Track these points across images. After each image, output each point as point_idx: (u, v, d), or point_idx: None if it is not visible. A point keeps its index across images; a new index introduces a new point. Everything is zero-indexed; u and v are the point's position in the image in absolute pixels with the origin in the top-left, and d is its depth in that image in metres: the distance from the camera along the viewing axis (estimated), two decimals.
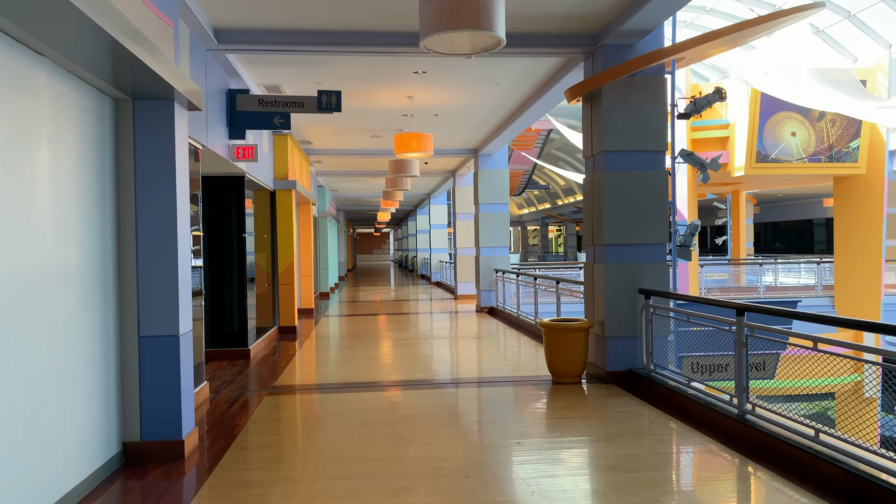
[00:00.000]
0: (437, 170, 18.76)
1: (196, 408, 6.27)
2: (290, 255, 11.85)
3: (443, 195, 27.05)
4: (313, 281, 16.16)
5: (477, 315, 14.50)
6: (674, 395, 6.02)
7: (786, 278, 21.41)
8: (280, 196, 11.75)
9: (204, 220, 9.13)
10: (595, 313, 7.33)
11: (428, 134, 9.59)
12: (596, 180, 7.21)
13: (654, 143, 7.10)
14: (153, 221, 4.80)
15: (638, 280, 7.05)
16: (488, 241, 14.88)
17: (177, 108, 4.92)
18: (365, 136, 13.05)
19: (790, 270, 22.16)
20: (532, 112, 10.52)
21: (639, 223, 7.04)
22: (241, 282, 9.33)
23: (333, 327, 13.08)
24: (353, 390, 7.03)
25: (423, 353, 9.51)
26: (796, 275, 22.20)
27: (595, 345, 7.34)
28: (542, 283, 11.36)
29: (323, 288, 20.78)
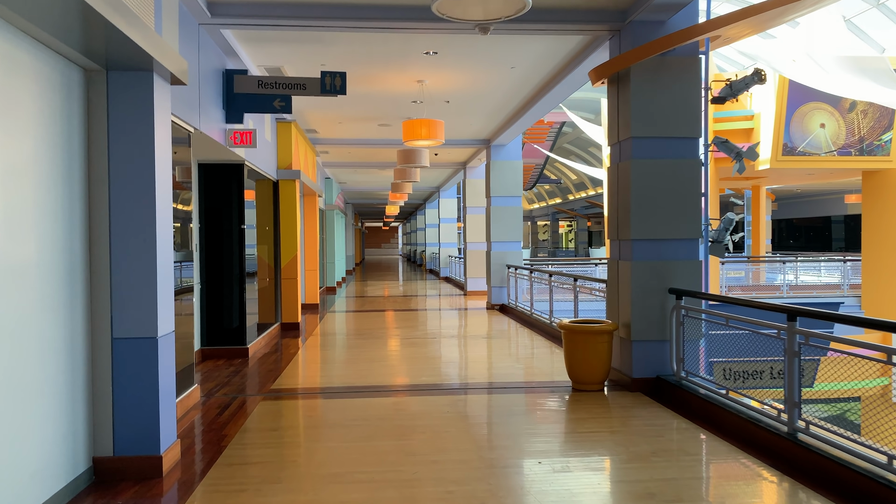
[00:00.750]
0: (448, 162, 18.17)
1: (183, 415, 5.73)
2: (294, 249, 11.31)
3: (452, 189, 26.47)
4: (319, 275, 15.63)
5: (488, 312, 13.93)
6: (709, 406, 5.43)
7: (806, 276, 20.70)
8: (283, 186, 11.20)
9: (201, 211, 8.61)
10: (620, 314, 6.73)
11: (439, 120, 9.00)
12: (623, 169, 6.61)
13: (687, 128, 6.49)
14: (129, 209, 4.25)
15: (668, 278, 6.44)
16: (500, 235, 14.28)
17: (157, 81, 4.35)
18: (372, 124, 12.47)
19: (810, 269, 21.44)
20: (549, 99, 9.91)
21: (670, 216, 6.44)
22: (240, 276, 8.79)
23: (338, 324, 12.54)
24: (356, 395, 6.47)
25: (431, 353, 8.95)
26: (815, 273, 21.49)
27: (619, 349, 6.75)
28: (557, 280, 10.76)
29: (329, 282, 20.26)
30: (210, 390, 6.74)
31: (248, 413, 5.81)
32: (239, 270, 8.77)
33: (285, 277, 11.32)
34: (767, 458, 4.48)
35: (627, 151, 6.52)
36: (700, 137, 6.55)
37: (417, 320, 12.81)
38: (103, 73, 4.22)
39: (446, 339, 10.22)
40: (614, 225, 6.85)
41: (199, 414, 5.85)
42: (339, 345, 9.92)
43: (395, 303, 16.50)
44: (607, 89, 7.07)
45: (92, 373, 4.21)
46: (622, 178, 6.61)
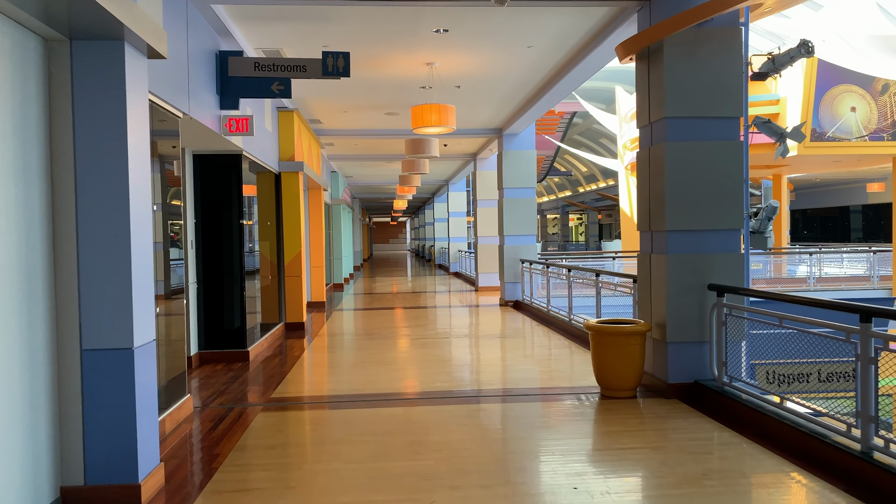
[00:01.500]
0: (457, 153, 17.56)
1: (173, 430, 5.17)
2: (298, 245, 10.74)
3: (462, 182, 25.86)
4: (325, 272, 15.07)
5: (501, 309, 13.33)
6: (760, 416, 4.82)
7: (829, 268, 19.96)
8: (286, 179, 10.63)
9: (197, 205, 8.05)
10: (653, 313, 6.12)
11: (449, 105, 8.40)
12: (655, 153, 5.99)
13: (728, 107, 5.86)
14: (99, 201, 3.67)
15: (707, 273, 5.83)
16: (513, 228, 13.67)
17: (130, 52, 3.77)
18: (379, 113, 11.87)
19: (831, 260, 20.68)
20: (566, 83, 9.28)
21: (709, 205, 5.82)
22: (240, 275, 8.22)
23: (346, 323, 11.97)
24: (364, 404, 5.90)
25: (444, 355, 8.36)
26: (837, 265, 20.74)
27: (653, 351, 6.14)
28: (576, 275, 10.15)
29: (336, 279, 19.72)
30: (205, 399, 6.18)
31: (246, 426, 5.24)
32: (238, 268, 8.21)
33: (289, 275, 10.76)
34: (838, 480, 3.88)
35: (661, 133, 5.90)
36: (741, 117, 5.92)
37: (428, 318, 12.23)
38: (66, 44, 3.64)
39: (459, 339, 9.64)
40: (645, 215, 6.23)
41: (191, 427, 5.29)
42: (346, 346, 9.36)
43: (404, 300, 15.93)
44: (636, 67, 6.46)
45: (58, 390, 3.64)
46: (655, 163, 5.99)
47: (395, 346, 9.08)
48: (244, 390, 6.55)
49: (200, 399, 6.21)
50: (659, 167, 5.89)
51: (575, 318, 9.84)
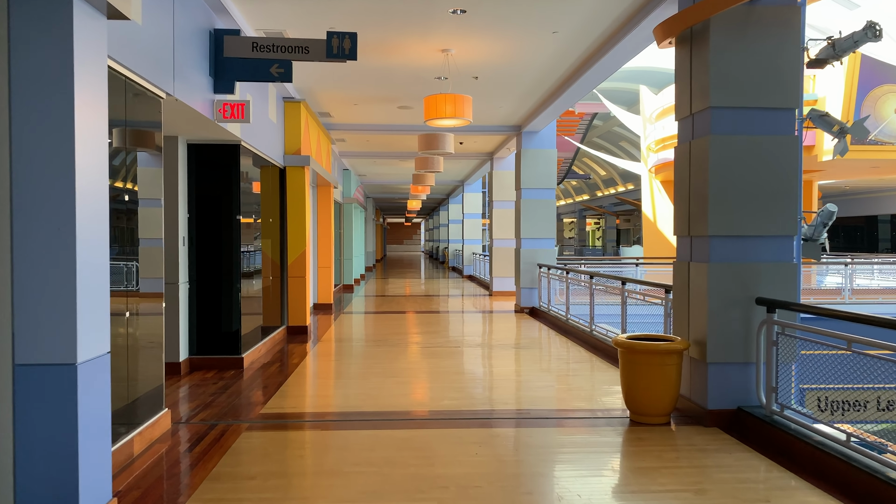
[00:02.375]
0: (473, 152, 16.89)
1: (143, 451, 4.54)
2: (302, 244, 10.13)
3: (477, 182, 25.17)
4: (333, 272, 14.47)
5: (516, 316, 12.64)
6: (820, 455, 4.10)
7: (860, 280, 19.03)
8: (291, 174, 10.02)
9: (191, 199, 7.46)
10: (691, 329, 5.42)
11: (466, 96, 7.73)
12: (698, 148, 5.28)
13: (782, 96, 5.15)
14: (40, 189, 3.05)
15: (755, 285, 5.11)
16: (531, 231, 12.96)
17: (81, 7, 3.14)
18: (391, 106, 11.23)
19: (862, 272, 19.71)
20: (594, 74, 8.57)
21: (759, 207, 5.11)
22: (235, 275, 7.61)
23: (352, 328, 11.34)
24: (363, 425, 5.24)
25: (455, 367, 7.69)
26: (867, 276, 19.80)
27: (690, 372, 5.43)
28: (599, 283, 9.44)
29: (347, 280, 19.12)
30: (187, 413, 5.56)
31: (227, 448, 4.61)
32: (234, 267, 7.60)
33: (292, 276, 10.14)
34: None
35: (705, 125, 5.20)
36: (798, 108, 5.20)
37: (439, 325, 11.57)
38: None
39: (471, 349, 8.96)
40: (684, 218, 5.53)
41: (165, 448, 4.66)
42: (351, 353, 8.71)
43: (415, 303, 15.28)
44: (676, 52, 5.75)
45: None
46: (697, 160, 5.29)
47: (403, 354, 8.42)
48: (232, 403, 5.92)
49: (182, 412, 5.59)
50: (702, 164, 5.19)
51: (597, 328, 9.13)
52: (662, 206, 20.26)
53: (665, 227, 20.17)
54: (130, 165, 4.66)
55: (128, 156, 4.58)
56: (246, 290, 8.15)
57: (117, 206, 4.39)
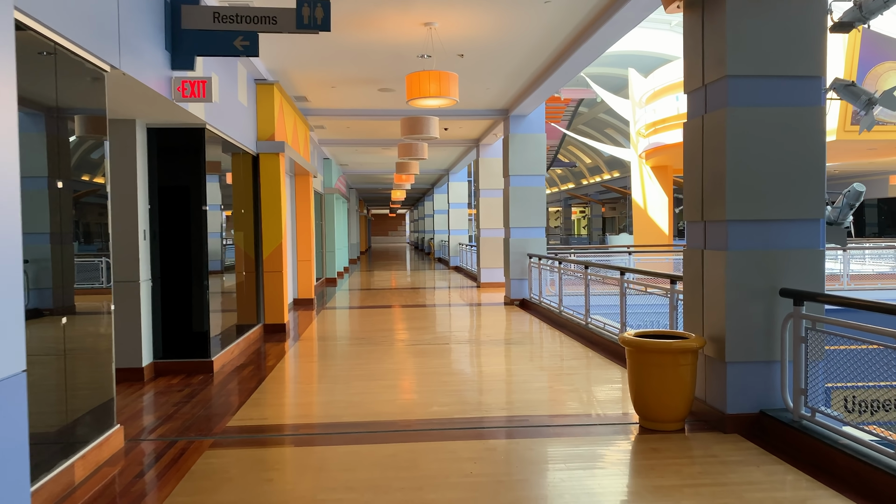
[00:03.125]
0: (459, 138, 16.29)
1: (83, 481, 3.92)
2: (279, 236, 9.50)
3: (462, 171, 24.60)
4: (314, 266, 13.84)
5: (506, 309, 12.10)
6: (864, 468, 3.59)
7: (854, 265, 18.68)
8: (265, 162, 9.38)
9: (153, 189, 6.81)
10: (706, 324, 4.88)
11: (451, 73, 7.13)
12: (712, 123, 4.73)
13: (807, 63, 4.61)
14: None
15: (778, 275, 4.59)
16: (521, 220, 12.41)
17: None
18: (371, 89, 10.60)
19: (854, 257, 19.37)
20: (588, 49, 7.99)
21: (782, 187, 4.57)
22: (202, 271, 6.98)
23: (335, 324, 10.74)
24: (344, 439, 4.67)
25: (443, 366, 7.13)
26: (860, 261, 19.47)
27: (706, 373, 4.90)
28: (594, 273, 8.90)
29: (330, 273, 18.48)
30: (145, 428, 4.95)
31: (184, 472, 4.01)
32: (201, 263, 6.97)
33: (268, 270, 9.51)
34: None
35: (720, 97, 4.65)
36: (823, 76, 4.66)
37: (426, 319, 10.99)
38: None
39: (461, 346, 8.40)
40: (696, 201, 4.98)
41: (114, 473, 4.06)
42: (332, 353, 8.12)
43: (401, 297, 14.69)
44: (685, 17, 5.19)
45: None
46: (712, 135, 4.73)
47: (388, 354, 7.84)
48: (197, 415, 5.31)
49: (139, 427, 4.98)
50: (717, 140, 4.64)
51: (593, 321, 8.61)
52: (653, 193, 19.83)
53: (656, 214, 19.78)
54: (65, 149, 4.02)
55: (60, 136, 3.94)
56: (217, 286, 7.53)
57: (52, 197, 3.76)
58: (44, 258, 3.73)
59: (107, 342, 4.50)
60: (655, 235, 19.47)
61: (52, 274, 3.79)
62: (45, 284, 3.73)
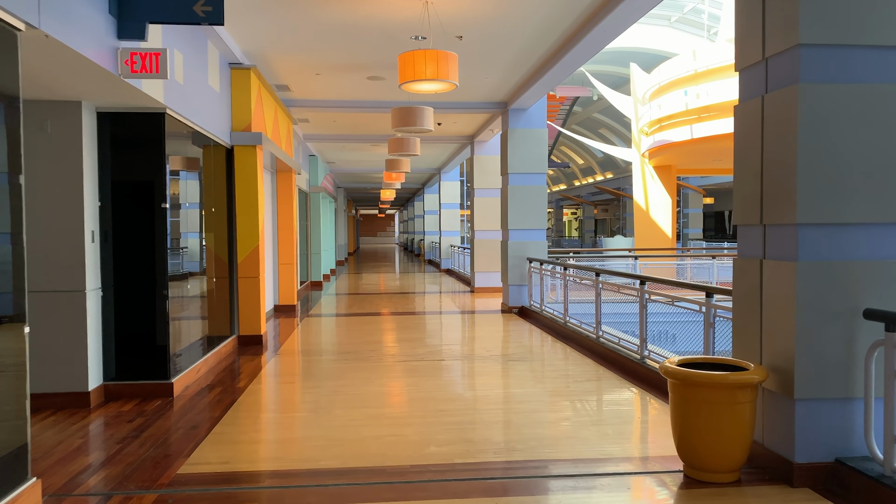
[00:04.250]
0: (452, 134, 15.39)
1: None
2: (255, 238, 8.55)
3: (455, 170, 23.69)
4: (297, 269, 12.89)
5: (504, 317, 11.21)
6: None
7: None
8: (240, 155, 8.43)
9: (105, 184, 5.87)
10: (766, 352, 4.00)
11: (450, 52, 6.22)
12: (777, 104, 3.85)
13: None
14: None
15: (862, 293, 3.71)
16: (520, 221, 11.52)
17: None
18: (360, 77, 9.67)
19: None
20: (599, 33, 7.13)
21: (869, 184, 3.70)
22: (160, 278, 6.03)
23: (318, 334, 9.80)
24: (318, 495, 3.74)
25: (439, 390, 6.22)
26: None
27: (767, 411, 4.02)
28: (606, 281, 8.02)
29: (315, 276, 17.53)
30: (75, 478, 3.99)
31: None
32: (159, 268, 6.02)
33: (243, 276, 8.56)
34: None
35: (788, 71, 3.76)
36: None
37: (418, 329, 10.07)
38: None
39: (458, 363, 7.49)
40: (752, 200, 4.10)
41: None
42: (312, 372, 7.18)
43: (390, 302, 13.76)
44: None
45: None
46: (775, 119, 3.85)
47: (376, 372, 6.92)
48: (144, 456, 4.36)
49: (67, 476, 4.02)
50: (784, 125, 3.76)
51: (605, 335, 7.73)
52: (656, 194, 18.98)
53: (658, 215, 18.92)
54: None
55: None
56: (182, 294, 6.59)
57: None
58: None
59: (19, 372, 3.54)
60: (657, 238, 18.65)
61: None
62: None
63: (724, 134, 14.15)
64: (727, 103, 14.07)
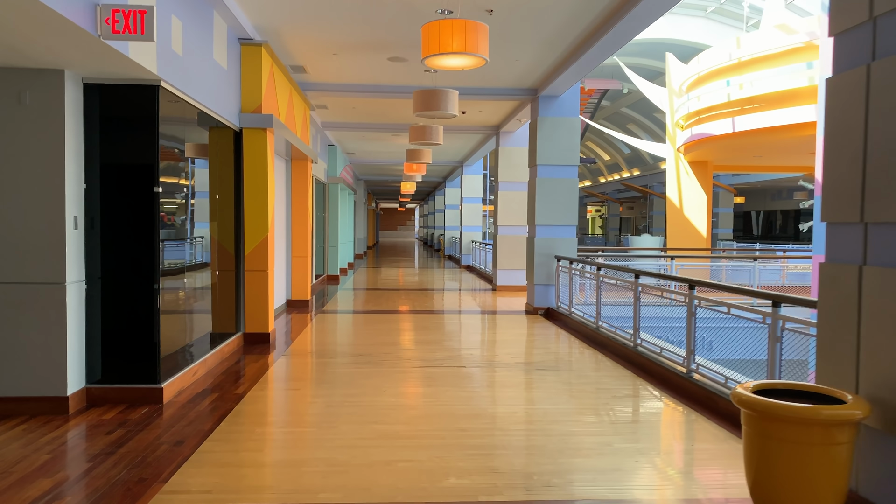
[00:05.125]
0: (476, 124, 14.68)
1: None
2: (264, 229, 7.93)
3: (478, 164, 22.97)
4: (311, 263, 12.28)
5: (528, 319, 10.50)
6: None
7: None
8: (250, 139, 7.80)
9: (92, 164, 5.26)
10: (865, 380, 3.26)
11: (480, 23, 5.51)
12: (886, 72, 3.09)
13: None
14: None
15: None
16: (549, 217, 10.78)
17: None
18: (380, 57, 9.00)
19: None
20: (642, 11, 6.38)
21: None
22: (151, 270, 5.41)
23: (329, 333, 9.17)
24: None
25: (461, 404, 5.54)
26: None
27: (867, 453, 3.28)
28: (645, 283, 7.28)
29: (332, 269, 16.94)
30: (38, 499, 3.38)
31: None
32: (150, 259, 5.40)
33: (251, 269, 7.94)
34: None
35: None
36: None
37: (437, 330, 9.40)
38: None
39: (480, 371, 6.81)
40: (848, 193, 3.35)
41: None
42: (321, 377, 6.55)
43: (408, 299, 13.10)
44: None
45: None
46: (884, 93, 3.10)
47: (390, 378, 6.26)
48: (115, 479, 3.74)
49: (26, 500, 3.41)
50: (891, 98, 3.01)
51: (644, 343, 7.00)
52: (690, 191, 18.05)
53: (693, 214, 17.99)
54: None
55: None
56: (180, 287, 5.99)
57: None
58: None
59: None
60: (691, 237, 17.76)
61: None
62: None
63: (769, 127, 13.24)
64: (774, 94, 13.16)
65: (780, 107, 12.88)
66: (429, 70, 9.42)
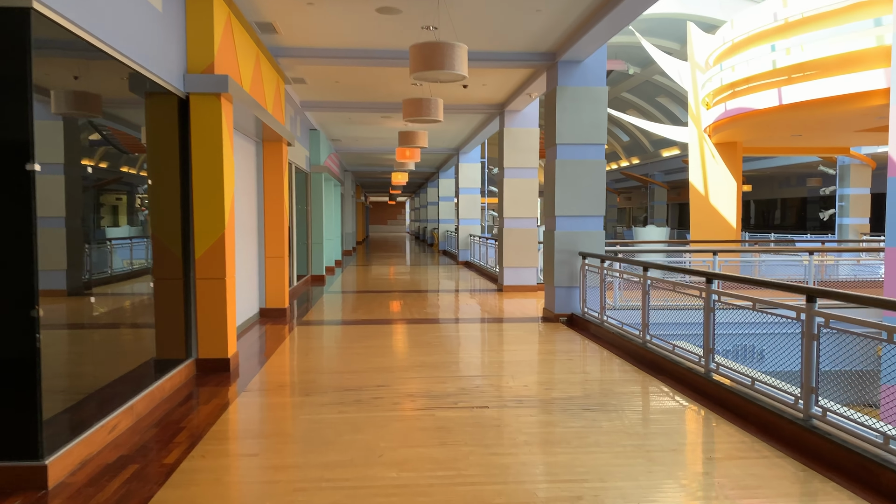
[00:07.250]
0: (478, 102, 12.90)
1: None
2: (220, 225, 6.13)
3: (475, 151, 21.22)
4: (289, 264, 10.49)
5: (548, 329, 8.76)
6: None
7: None
8: (199, 108, 6.00)
9: None
10: None
11: None
12: None
13: None
14: None
15: None
16: (571, 206, 9.04)
17: None
18: (367, 7, 7.20)
19: None
20: None
21: None
22: (28, 287, 3.61)
23: (310, 356, 7.40)
24: None
25: (492, 481, 3.79)
26: None
27: None
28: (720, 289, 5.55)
29: (317, 269, 15.16)
30: None
31: None
32: (23, 271, 3.60)
33: (203, 276, 6.15)
34: None
35: None
36: None
37: (443, 349, 7.63)
38: None
39: (509, 414, 5.06)
40: None
41: None
42: (287, 435, 4.78)
43: (404, 304, 11.32)
44: None
45: None
46: None
47: (384, 432, 4.51)
48: None
49: None
50: None
51: (721, 369, 5.28)
52: (717, 176, 16.26)
53: (721, 202, 16.21)
54: None
55: None
56: (102, 307, 4.20)
57: None
58: None
59: None
60: (719, 229, 16.04)
61: None
62: None
63: (825, 98, 11.41)
64: (831, 59, 11.35)
65: (840, 73, 11.12)
66: (427, 27, 7.64)
